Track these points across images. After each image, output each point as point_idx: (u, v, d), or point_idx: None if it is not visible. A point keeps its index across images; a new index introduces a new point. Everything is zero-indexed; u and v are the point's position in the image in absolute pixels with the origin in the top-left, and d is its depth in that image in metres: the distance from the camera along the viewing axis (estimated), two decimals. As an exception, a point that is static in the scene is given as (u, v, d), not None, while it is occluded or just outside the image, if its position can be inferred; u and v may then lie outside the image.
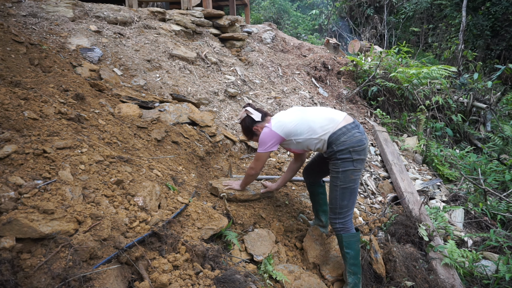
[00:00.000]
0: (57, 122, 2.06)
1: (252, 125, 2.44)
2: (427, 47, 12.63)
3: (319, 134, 2.21)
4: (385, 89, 5.99)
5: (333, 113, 2.29)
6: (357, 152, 2.16)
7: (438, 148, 5.13)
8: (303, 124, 2.26)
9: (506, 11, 10.29)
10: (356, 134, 2.17)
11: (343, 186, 2.19)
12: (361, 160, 2.19)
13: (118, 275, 1.49)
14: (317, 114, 2.29)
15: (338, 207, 2.23)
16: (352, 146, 2.14)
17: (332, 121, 2.22)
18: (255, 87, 5.04)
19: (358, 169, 2.20)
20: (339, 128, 2.18)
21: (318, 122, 2.23)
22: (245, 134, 2.55)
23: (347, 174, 2.17)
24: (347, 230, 2.25)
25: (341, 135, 2.16)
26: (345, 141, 2.15)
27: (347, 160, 2.16)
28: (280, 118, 2.33)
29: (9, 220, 1.33)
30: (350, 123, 2.21)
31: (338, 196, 2.22)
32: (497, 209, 3.65)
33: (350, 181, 2.18)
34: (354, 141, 2.15)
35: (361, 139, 2.18)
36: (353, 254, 2.26)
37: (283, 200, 2.93)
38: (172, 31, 5.17)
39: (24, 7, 4.10)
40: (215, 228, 2.01)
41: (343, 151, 2.15)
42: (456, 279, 2.59)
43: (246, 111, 2.45)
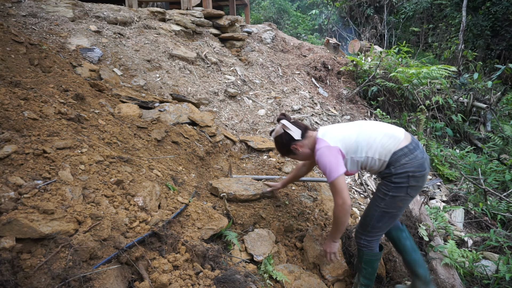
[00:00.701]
0: (57, 122, 2.06)
1: (290, 143, 2.08)
2: (427, 47, 12.63)
3: (379, 153, 1.90)
4: (385, 89, 5.99)
5: (393, 130, 1.98)
6: (415, 178, 1.87)
7: (438, 148, 5.13)
8: (363, 139, 1.94)
9: (506, 11, 10.29)
10: (419, 156, 1.88)
11: (385, 210, 1.95)
12: (417, 187, 1.92)
13: (118, 275, 1.49)
14: (376, 129, 1.98)
15: (370, 226, 2.03)
16: (412, 171, 1.85)
17: (393, 138, 1.92)
18: (255, 87, 5.04)
19: (411, 197, 1.92)
20: (401, 148, 1.88)
21: (379, 139, 1.92)
22: (279, 150, 2.19)
23: (395, 200, 1.92)
24: (371, 249, 2.09)
25: (402, 157, 1.87)
26: (405, 164, 1.86)
27: (401, 185, 1.88)
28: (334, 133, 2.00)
29: (9, 220, 1.33)
30: (411, 143, 1.92)
31: (375, 216, 1.99)
32: (497, 209, 3.65)
33: (394, 207, 1.94)
34: (415, 165, 1.86)
35: (423, 164, 1.88)
36: (370, 271, 2.16)
37: (283, 200, 2.93)
38: (172, 31, 5.17)
39: (24, 7, 4.10)
40: (215, 228, 2.01)
41: (401, 175, 1.87)
42: (456, 279, 2.58)
43: (282, 125, 2.09)
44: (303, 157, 2.16)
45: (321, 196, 3.21)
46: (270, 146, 3.75)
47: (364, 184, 3.90)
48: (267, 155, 3.69)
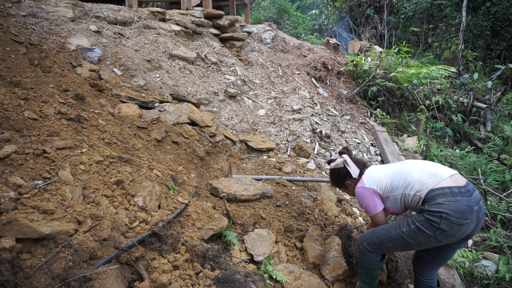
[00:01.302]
0: (57, 122, 2.06)
1: (346, 179, 2.16)
2: (427, 47, 12.64)
3: (416, 189, 1.81)
4: (385, 89, 5.99)
5: (437, 168, 1.87)
6: (450, 223, 1.68)
7: (438, 148, 5.13)
8: (399, 177, 1.90)
9: (506, 11, 10.30)
10: (462, 202, 1.69)
11: (403, 236, 1.83)
12: (449, 234, 1.71)
13: (118, 275, 1.49)
14: (417, 166, 1.92)
15: (379, 240, 1.94)
16: (447, 213, 1.68)
17: (434, 176, 1.81)
18: (255, 87, 5.04)
19: (437, 241, 1.75)
20: (441, 186, 1.75)
21: (417, 175, 1.85)
22: (333, 181, 2.26)
23: (418, 234, 1.78)
24: (368, 257, 2.04)
25: (440, 195, 1.72)
26: (442, 204, 1.70)
27: (432, 223, 1.72)
28: (372, 173, 2.03)
29: (9, 220, 1.33)
30: (458, 186, 1.74)
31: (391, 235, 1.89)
32: (497, 209, 3.65)
33: (414, 240, 1.81)
34: (453, 209, 1.68)
35: (464, 212, 1.68)
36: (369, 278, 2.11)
37: (283, 200, 2.93)
38: (172, 31, 5.17)
39: (24, 7, 4.10)
40: (215, 228, 2.01)
41: (434, 214, 1.71)
42: (456, 279, 2.58)
43: (344, 161, 2.15)
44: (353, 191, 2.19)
45: (321, 196, 3.21)
46: (270, 146, 3.75)
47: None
48: (267, 155, 3.69)
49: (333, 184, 2.32)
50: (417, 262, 2.11)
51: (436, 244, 1.80)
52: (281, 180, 3.12)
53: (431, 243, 1.79)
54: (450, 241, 1.77)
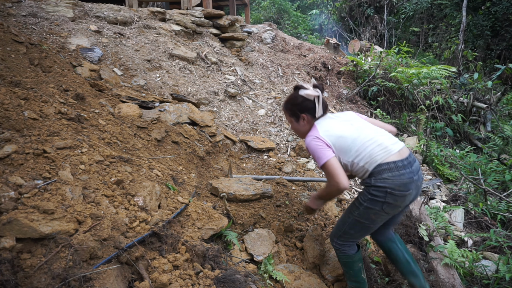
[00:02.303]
0: (57, 122, 2.06)
1: (304, 112, 2.03)
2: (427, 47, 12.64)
3: (364, 161, 1.85)
4: (385, 89, 5.99)
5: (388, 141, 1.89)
6: (394, 196, 1.79)
7: (438, 148, 5.13)
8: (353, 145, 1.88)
9: (506, 11, 10.30)
10: (405, 175, 1.79)
11: (358, 219, 1.93)
12: (394, 206, 1.83)
13: (118, 275, 1.49)
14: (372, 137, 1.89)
15: (342, 231, 2.02)
16: (392, 187, 1.78)
17: (384, 151, 1.84)
18: (255, 87, 5.04)
19: (386, 213, 1.86)
20: (388, 162, 1.81)
21: (369, 148, 1.86)
22: (289, 105, 2.09)
23: (369, 213, 1.87)
24: (344, 252, 2.07)
25: (385, 171, 1.80)
26: (387, 179, 1.79)
27: (377, 199, 1.82)
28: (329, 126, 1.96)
29: (9, 220, 1.33)
30: (402, 159, 1.83)
31: (348, 223, 1.98)
32: (497, 209, 3.65)
33: (367, 219, 1.90)
34: (397, 183, 1.78)
35: (407, 184, 1.79)
36: (352, 273, 2.14)
37: (283, 200, 2.93)
38: (172, 31, 5.17)
39: (24, 7, 4.10)
40: (215, 228, 2.01)
41: (379, 189, 1.80)
42: (456, 279, 2.58)
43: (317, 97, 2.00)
44: (298, 128, 2.11)
45: (321, 196, 3.21)
46: (270, 146, 3.75)
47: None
48: (267, 155, 3.69)
49: (285, 108, 2.13)
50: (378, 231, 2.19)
51: (386, 217, 1.91)
52: (281, 180, 3.12)
53: (382, 217, 1.89)
54: (396, 211, 1.91)
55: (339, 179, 1.81)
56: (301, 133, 2.13)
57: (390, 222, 2.15)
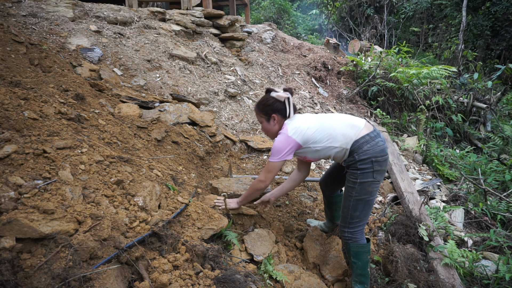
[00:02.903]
0: (57, 122, 2.06)
1: (276, 113, 2.18)
2: (427, 47, 12.63)
3: (341, 141, 2.05)
4: (385, 89, 5.99)
5: (353, 120, 2.13)
6: (379, 163, 2.02)
7: (438, 148, 5.13)
8: (323, 130, 2.08)
9: (506, 11, 10.29)
10: (380, 143, 2.04)
11: (357, 198, 2.08)
12: (381, 171, 2.06)
13: (118, 275, 1.49)
14: (337, 120, 2.13)
15: (349, 217, 2.13)
16: (375, 156, 2.00)
17: (354, 127, 2.07)
18: (255, 87, 5.04)
19: (377, 181, 2.06)
20: (362, 136, 2.03)
21: (339, 129, 2.07)
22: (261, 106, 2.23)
23: (364, 186, 2.04)
24: (355, 240, 2.17)
25: (364, 144, 2.01)
26: (368, 150, 2.00)
27: (367, 170, 2.02)
28: (297, 124, 2.12)
29: (9, 220, 1.33)
30: (372, 131, 2.07)
31: (351, 206, 2.11)
32: (497, 209, 3.65)
33: (366, 193, 2.06)
34: (377, 150, 2.01)
35: (384, 149, 2.04)
36: (361, 265, 2.20)
37: (283, 200, 2.93)
38: (172, 31, 5.17)
39: (24, 7, 4.10)
40: (215, 228, 2.01)
41: (365, 161, 2.01)
42: (456, 279, 2.58)
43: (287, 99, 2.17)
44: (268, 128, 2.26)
45: (321, 196, 3.21)
46: (270, 146, 3.75)
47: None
48: (267, 155, 3.69)
49: (257, 108, 2.27)
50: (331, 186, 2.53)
51: (378, 185, 2.08)
52: (281, 180, 3.12)
53: (376, 186, 2.07)
54: (383, 176, 2.10)
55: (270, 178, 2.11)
56: (271, 133, 2.27)
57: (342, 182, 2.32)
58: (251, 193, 2.25)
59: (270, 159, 2.10)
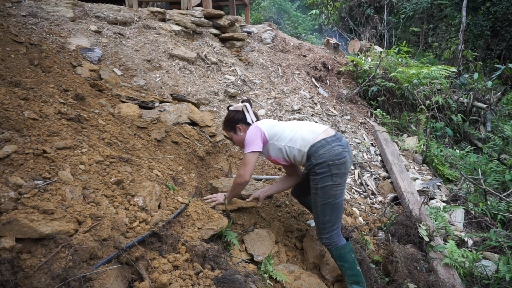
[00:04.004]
0: (57, 122, 2.06)
1: (238, 123, 2.35)
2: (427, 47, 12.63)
3: (299, 144, 2.15)
4: (385, 89, 5.99)
5: (314, 126, 2.23)
6: (336, 166, 2.06)
7: (438, 148, 5.13)
8: (286, 131, 2.22)
9: (506, 11, 10.30)
10: (336, 147, 2.09)
11: (322, 203, 2.12)
12: (341, 174, 2.10)
13: (118, 275, 1.49)
14: (300, 125, 2.25)
15: (321, 223, 2.17)
16: (331, 159, 2.05)
17: (313, 132, 2.16)
18: (255, 87, 5.04)
19: (338, 184, 2.10)
20: (318, 140, 2.11)
21: (299, 132, 2.18)
22: (225, 123, 2.42)
23: (326, 190, 2.09)
24: (335, 244, 2.20)
25: (319, 148, 2.09)
26: (323, 154, 2.07)
27: (325, 174, 2.07)
28: (265, 122, 2.32)
29: (9, 220, 1.33)
30: (330, 136, 2.14)
31: (319, 212, 2.15)
32: (497, 209, 3.65)
33: (329, 197, 2.10)
34: (333, 154, 2.06)
35: (341, 153, 2.08)
36: (348, 266, 2.22)
37: (283, 200, 2.93)
38: (172, 31, 5.17)
39: (24, 7, 4.10)
40: (215, 228, 2.01)
41: (321, 165, 2.06)
42: (456, 279, 2.58)
43: (244, 107, 2.35)
44: (239, 140, 2.38)
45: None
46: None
47: (364, 184, 3.90)
48: (267, 155, 3.69)
49: (224, 127, 2.44)
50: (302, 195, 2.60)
51: (342, 188, 2.12)
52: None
53: (339, 189, 2.11)
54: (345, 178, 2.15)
55: (247, 171, 2.17)
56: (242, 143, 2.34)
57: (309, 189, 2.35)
58: (234, 188, 2.31)
59: (244, 152, 2.20)
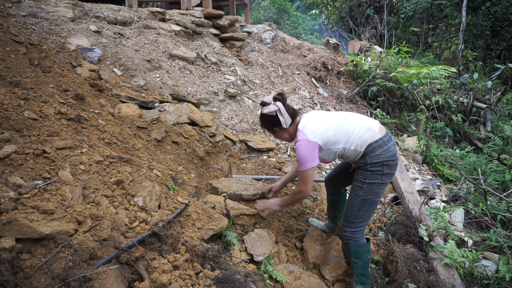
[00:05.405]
0: (57, 122, 2.06)
1: (275, 126, 2.18)
2: (427, 47, 12.63)
3: (357, 143, 2.07)
4: (385, 89, 5.99)
5: (369, 122, 2.14)
6: (389, 166, 2.08)
7: (438, 148, 5.13)
8: (341, 131, 2.09)
9: (506, 11, 10.30)
10: (392, 147, 2.09)
11: (364, 197, 2.11)
12: (390, 174, 2.11)
13: (118, 275, 1.49)
14: (354, 121, 2.13)
15: (353, 217, 2.16)
16: (386, 160, 2.05)
17: (370, 130, 2.09)
18: (255, 87, 5.04)
19: (385, 184, 2.11)
20: (376, 139, 2.06)
21: (356, 130, 2.08)
22: (262, 124, 2.27)
23: (372, 187, 2.09)
24: (356, 240, 2.19)
25: (377, 148, 2.05)
26: (380, 154, 2.05)
27: (377, 172, 2.07)
28: (314, 127, 2.09)
29: (9, 220, 1.33)
30: (385, 135, 2.11)
31: (356, 205, 2.14)
32: (497, 209, 3.64)
33: (372, 194, 2.10)
34: (389, 155, 2.06)
35: (395, 154, 2.09)
36: (361, 265, 2.21)
37: (283, 200, 2.93)
38: (172, 31, 5.17)
39: (24, 7, 4.10)
40: (215, 228, 2.01)
41: (376, 164, 2.06)
42: (456, 279, 2.58)
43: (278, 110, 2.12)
44: (280, 137, 2.28)
45: (321, 196, 3.21)
46: (270, 146, 3.75)
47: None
48: (267, 155, 3.69)
49: (261, 126, 2.30)
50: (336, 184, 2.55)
51: (385, 188, 2.13)
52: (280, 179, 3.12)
53: (383, 188, 2.12)
54: (391, 179, 2.17)
55: (309, 187, 2.12)
56: (286, 139, 2.28)
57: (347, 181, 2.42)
58: (293, 201, 2.32)
59: (300, 169, 2.08)
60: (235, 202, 2.49)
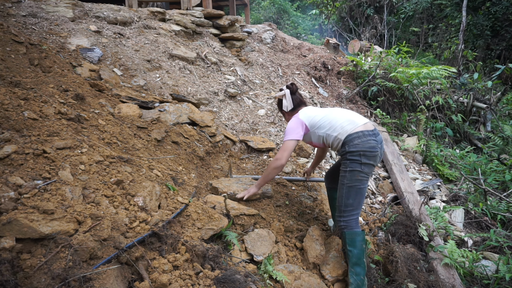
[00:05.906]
0: (57, 122, 2.06)
1: (281, 108, 2.67)
2: (427, 47, 12.63)
3: (337, 132, 2.31)
4: (385, 89, 5.99)
5: (355, 117, 2.38)
6: (366, 156, 2.23)
7: (438, 148, 5.13)
8: (326, 120, 2.38)
9: (506, 11, 10.29)
10: (371, 141, 2.25)
11: (349, 185, 2.27)
12: (369, 165, 2.26)
13: (118, 275, 1.49)
14: (341, 114, 2.40)
15: (343, 205, 2.31)
16: (363, 150, 2.22)
17: (352, 123, 2.31)
18: (255, 87, 5.04)
19: (365, 173, 2.26)
20: (356, 131, 2.26)
21: (339, 121, 2.34)
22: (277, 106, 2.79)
23: (354, 174, 2.25)
24: (351, 228, 2.31)
25: (355, 138, 2.25)
26: (357, 144, 2.24)
27: (355, 161, 2.24)
28: (307, 112, 2.48)
29: (9, 220, 1.33)
30: (368, 130, 2.29)
31: (344, 194, 2.30)
32: (497, 209, 3.64)
33: (355, 181, 2.26)
34: (366, 146, 2.23)
35: (374, 146, 2.25)
36: (356, 253, 2.25)
37: (283, 200, 2.93)
38: (172, 31, 5.17)
39: (24, 7, 4.10)
40: (215, 228, 2.01)
41: (353, 153, 2.24)
42: (456, 279, 2.58)
43: (284, 95, 2.60)
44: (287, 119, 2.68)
45: (321, 196, 3.21)
46: (270, 146, 3.75)
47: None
48: (267, 155, 3.69)
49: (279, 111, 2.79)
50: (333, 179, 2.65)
51: (368, 178, 2.30)
52: (281, 180, 3.12)
53: (364, 177, 2.27)
54: (372, 170, 2.33)
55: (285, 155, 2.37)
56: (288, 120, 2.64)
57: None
58: (269, 173, 2.46)
59: (284, 139, 2.42)
60: (235, 202, 2.49)
